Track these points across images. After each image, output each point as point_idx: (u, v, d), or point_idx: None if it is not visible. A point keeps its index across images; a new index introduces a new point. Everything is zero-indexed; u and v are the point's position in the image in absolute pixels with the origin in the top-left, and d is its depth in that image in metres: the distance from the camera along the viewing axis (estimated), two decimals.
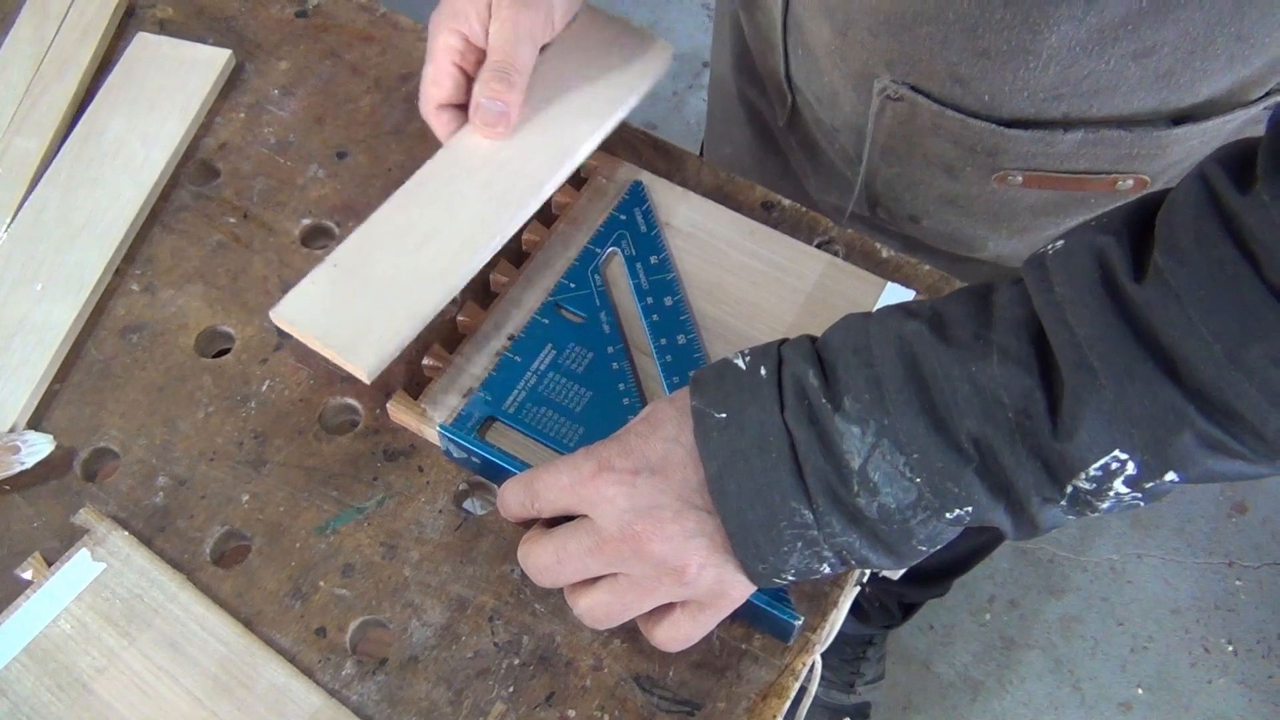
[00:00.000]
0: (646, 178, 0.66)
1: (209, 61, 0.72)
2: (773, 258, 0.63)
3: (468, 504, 0.59)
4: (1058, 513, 0.44)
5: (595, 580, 0.51)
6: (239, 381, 0.61)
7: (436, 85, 0.63)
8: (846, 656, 1.47)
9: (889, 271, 0.64)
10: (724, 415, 0.47)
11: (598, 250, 0.63)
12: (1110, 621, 1.58)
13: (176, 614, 0.53)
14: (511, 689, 0.53)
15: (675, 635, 0.51)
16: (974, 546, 1.19)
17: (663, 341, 0.60)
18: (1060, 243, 0.43)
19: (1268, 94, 0.66)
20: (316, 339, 0.56)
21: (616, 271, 0.63)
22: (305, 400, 0.60)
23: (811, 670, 0.55)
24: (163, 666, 0.52)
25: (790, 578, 0.48)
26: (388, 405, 0.59)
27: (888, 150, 0.75)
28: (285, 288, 0.64)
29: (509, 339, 0.60)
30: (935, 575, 1.26)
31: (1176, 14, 0.58)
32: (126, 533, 0.55)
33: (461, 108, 0.64)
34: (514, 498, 0.52)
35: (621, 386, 0.58)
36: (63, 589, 0.53)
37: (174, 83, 0.71)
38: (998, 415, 0.42)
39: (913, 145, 0.73)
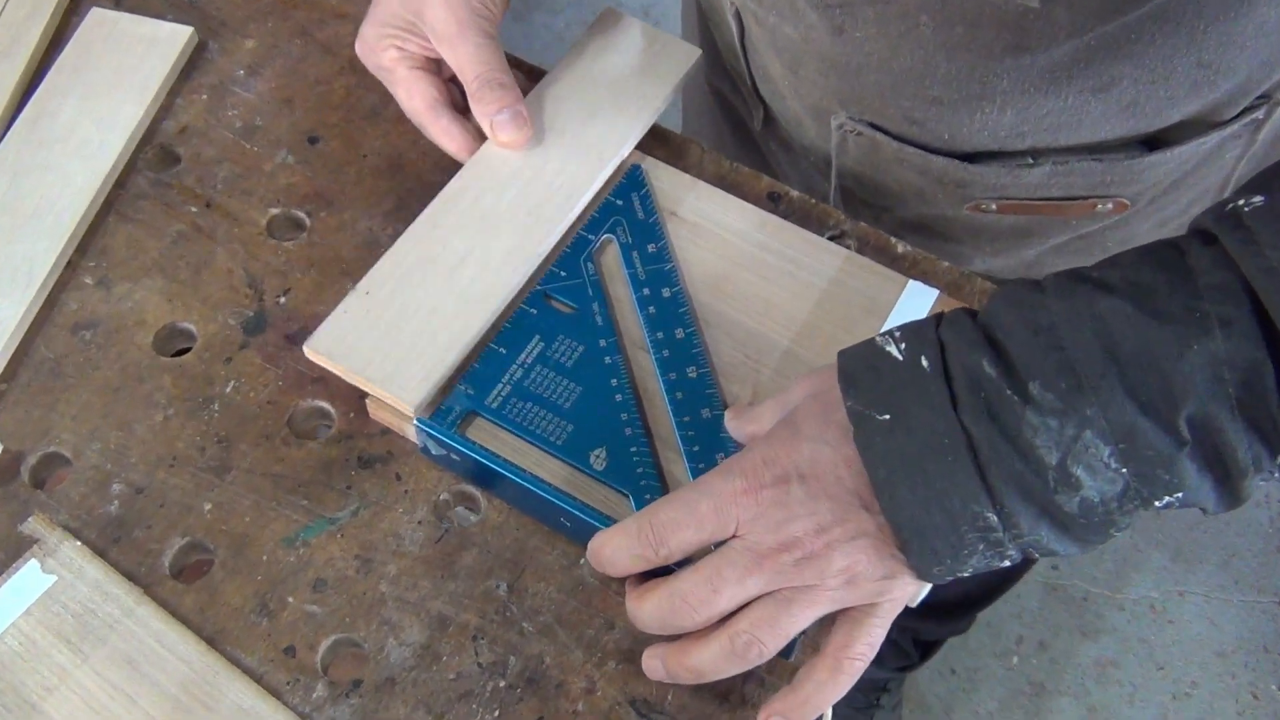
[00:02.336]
0: (649, 163, 0.68)
1: (169, 39, 0.73)
2: (785, 251, 0.64)
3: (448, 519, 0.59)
4: (1260, 483, 0.45)
5: (746, 605, 0.50)
6: (201, 382, 0.62)
7: (415, 95, 0.64)
8: (859, 704, 1.47)
9: (906, 267, 0.65)
10: (887, 417, 0.47)
11: (591, 237, 0.64)
12: (1149, 665, 1.58)
13: (133, 630, 0.54)
14: (497, 713, 0.53)
15: (865, 647, 0.50)
16: (1000, 576, 1.19)
17: (659, 335, 0.60)
18: (1259, 199, 0.44)
19: (1242, 113, 0.67)
20: (357, 373, 0.57)
21: (611, 260, 0.64)
22: (273, 402, 0.61)
23: None
24: (119, 686, 0.52)
25: (967, 574, 0.48)
26: (366, 401, 0.60)
27: (857, 176, 0.76)
28: (251, 282, 0.65)
29: (495, 330, 0.61)
30: (955, 608, 1.27)
31: (1129, 47, 0.60)
32: (79, 543, 0.56)
33: (450, 106, 0.65)
34: (629, 549, 0.51)
35: (614, 382, 0.59)
36: (10, 603, 0.54)
37: (131, 62, 0.72)
38: (1220, 392, 0.42)
39: (881, 173, 0.74)
